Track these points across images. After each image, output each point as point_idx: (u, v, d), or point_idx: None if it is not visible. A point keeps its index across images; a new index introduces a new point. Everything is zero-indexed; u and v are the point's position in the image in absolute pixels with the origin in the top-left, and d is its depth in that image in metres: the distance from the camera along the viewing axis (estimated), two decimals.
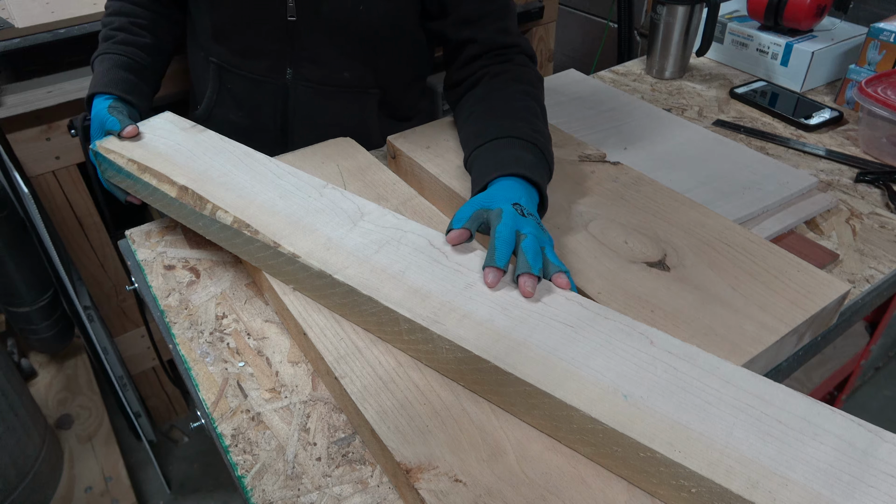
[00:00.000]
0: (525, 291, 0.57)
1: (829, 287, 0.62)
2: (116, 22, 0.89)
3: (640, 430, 0.45)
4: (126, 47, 0.86)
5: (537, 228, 0.61)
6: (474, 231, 0.63)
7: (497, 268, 0.58)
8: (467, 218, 0.63)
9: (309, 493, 0.52)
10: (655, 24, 1.17)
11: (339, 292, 0.59)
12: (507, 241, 0.59)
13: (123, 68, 0.84)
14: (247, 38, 0.89)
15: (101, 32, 0.89)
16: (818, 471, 0.43)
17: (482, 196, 0.65)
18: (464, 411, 0.52)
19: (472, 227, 0.63)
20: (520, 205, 0.63)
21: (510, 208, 0.62)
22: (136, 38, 0.88)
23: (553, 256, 0.60)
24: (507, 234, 0.60)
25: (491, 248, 0.59)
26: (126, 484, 1.39)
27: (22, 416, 1.27)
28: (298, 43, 0.87)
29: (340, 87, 0.92)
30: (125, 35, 0.88)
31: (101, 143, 0.77)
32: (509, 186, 0.66)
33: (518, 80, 0.81)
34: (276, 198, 0.69)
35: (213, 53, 0.92)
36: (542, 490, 0.47)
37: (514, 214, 0.62)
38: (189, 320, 0.68)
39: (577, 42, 2.34)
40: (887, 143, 0.92)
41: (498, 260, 0.58)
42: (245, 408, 0.59)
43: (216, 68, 0.93)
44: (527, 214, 0.62)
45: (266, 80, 0.91)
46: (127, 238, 0.80)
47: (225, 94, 0.95)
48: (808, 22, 1.10)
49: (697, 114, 1.08)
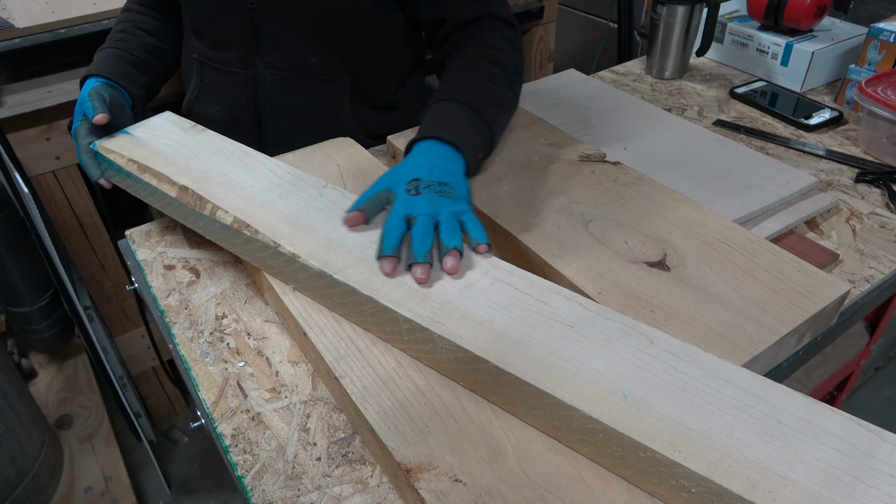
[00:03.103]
0: (417, 279, 0.57)
1: (829, 287, 0.62)
2: (122, 25, 0.93)
3: (641, 431, 0.45)
4: (127, 44, 0.89)
5: (432, 203, 0.62)
6: (372, 214, 0.64)
7: (386, 256, 0.59)
8: (365, 199, 0.64)
9: (309, 493, 0.52)
10: (655, 24, 1.17)
11: (339, 292, 0.59)
12: (393, 228, 0.60)
13: (121, 59, 0.87)
14: (216, 30, 0.90)
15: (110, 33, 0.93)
16: (818, 471, 0.43)
17: (389, 173, 0.67)
18: (464, 411, 0.52)
19: (370, 210, 0.64)
20: (417, 180, 0.64)
21: (402, 191, 0.63)
22: (139, 38, 0.91)
23: (447, 232, 0.60)
24: (395, 220, 0.61)
25: (380, 237, 0.61)
26: (126, 484, 1.39)
27: (22, 416, 1.27)
28: (262, 31, 0.88)
29: (308, 73, 0.92)
30: (128, 35, 0.91)
31: (102, 143, 0.77)
32: (419, 153, 0.68)
33: (481, 45, 0.82)
34: (276, 198, 0.69)
35: (196, 49, 0.94)
36: (542, 490, 0.47)
37: (406, 197, 0.63)
38: (189, 320, 0.68)
39: (577, 42, 2.34)
40: (887, 143, 0.92)
41: (384, 249, 0.59)
42: (245, 408, 0.59)
43: (198, 64, 0.95)
44: (423, 189, 0.63)
45: (237, 70, 0.92)
46: (127, 238, 0.80)
47: (205, 88, 0.97)
48: (808, 22, 1.10)
49: (697, 114, 1.08)
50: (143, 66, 0.89)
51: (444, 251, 0.59)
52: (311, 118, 0.94)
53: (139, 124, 0.80)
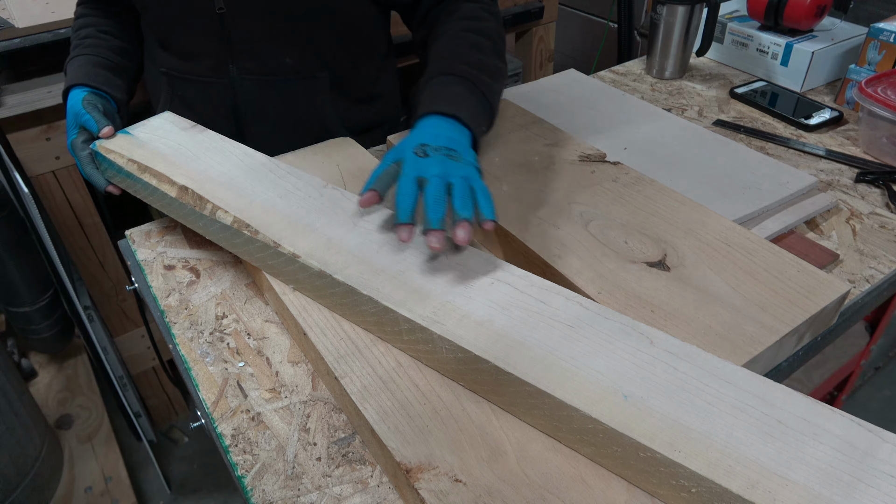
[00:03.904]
0: (432, 247, 0.56)
1: (829, 287, 0.62)
2: (84, 31, 0.90)
3: (641, 431, 0.45)
4: (97, 49, 0.87)
5: (443, 164, 0.60)
6: (384, 190, 0.62)
7: (404, 223, 0.57)
8: (375, 178, 0.62)
9: (309, 493, 0.52)
10: (655, 24, 1.17)
11: (339, 292, 0.59)
12: (406, 192, 0.58)
13: (95, 65, 0.85)
14: (184, 40, 0.88)
15: (72, 40, 0.90)
16: (818, 471, 0.43)
17: (395, 148, 0.65)
18: (464, 411, 0.52)
19: (382, 187, 0.62)
20: (424, 144, 0.62)
21: (411, 155, 0.61)
22: (105, 41, 0.89)
23: (460, 199, 0.58)
24: (406, 185, 0.59)
25: (395, 204, 0.59)
26: (126, 484, 1.39)
27: (22, 416, 1.27)
28: (234, 36, 0.85)
29: (286, 75, 0.90)
30: (94, 39, 0.88)
31: (101, 143, 0.77)
32: (423, 127, 0.65)
33: (463, 17, 0.80)
34: (276, 198, 0.69)
35: (164, 63, 0.91)
36: (542, 490, 0.47)
37: (415, 160, 0.61)
38: (189, 320, 0.68)
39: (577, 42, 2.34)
40: (887, 143, 0.92)
41: (401, 216, 0.57)
42: (245, 408, 0.59)
43: (167, 78, 0.92)
44: (432, 152, 0.61)
45: (211, 80, 0.90)
46: (127, 238, 0.80)
47: (177, 101, 0.94)
48: (808, 22, 1.10)
49: (697, 114, 1.08)
50: (118, 70, 0.87)
51: (455, 220, 0.57)
52: (292, 120, 0.92)
53: (139, 124, 0.80)
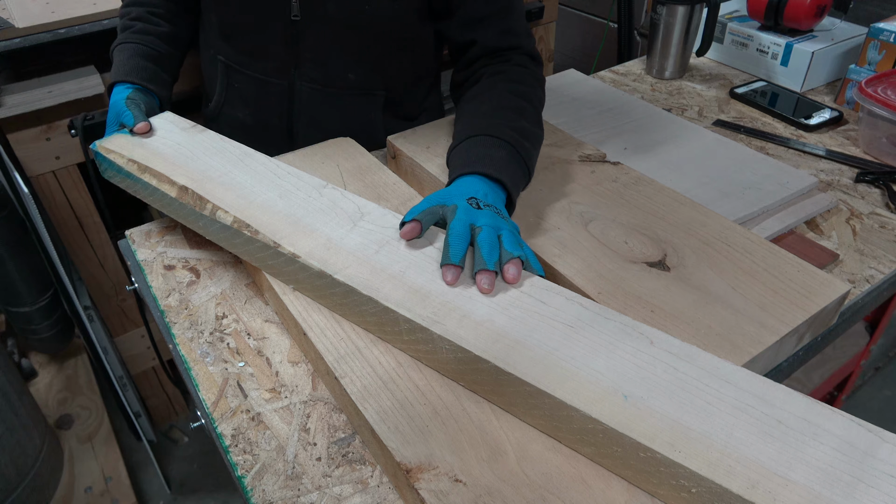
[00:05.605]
0: (482, 289, 0.57)
1: (829, 287, 0.62)
2: (134, 12, 0.90)
3: (641, 431, 0.45)
4: (145, 36, 0.87)
5: (494, 218, 0.61)
6: (427, 225, 0.63)
7: (453, 265, 0.58)
8: (420, 211, 0.63)
9: (309, 494, 0.52)
10: (655, 24, 1.17)
11: (339, 292, 0.59)
12: (460, 235, 0.59)
13: (143, 57, 0.85)
14: (252, 38, 0.89)
15: (119, 23, 0.90)
16: (818, 471, 0.43)
17: (440, 192, 0.66)
18: (464, 411, 0.52)
19: (426, 221, 0.62)
20: (476, 198, 0.63)
21: (464, 203, 0.62)
22: (154, 27, 0.89)
23: (510, 244, 0.59)
24: (461, 228, 0.60)
25: (445, 244, 0.59)
26: (126, 484, 1.39)
27: (22, 416, 1.27)
28: (303, 44, 0.87)
29: (345, 88, 0.92)
30: (143, 24, 0.89)
31: (101, 143, 0.77)
32: (470, 182, 0.66)
33: (511, 80, 0.81)
34: (276, 198, 0.69)
35: (221, 52, 0.92)
36: (542, 490, 0.47)
37: (468, 208, 0.62)
38: (189, 320, 0.68)
39: (577, 42, 2.34)
40: (887, 143, 0.92)
41: (452, 257, 0.58)
42: (245, 408, 0.59)
43: (224, 67, 0.93)
44: (483, 206, 0.62)
45: (271, 80, 0.91)
46: (127, 238, 0.80)
47: (233, 92, 0.95)
48: (808, 22, 1.10)
49: (697, 114, 1.08)
50: (164, 59, 0.88)
51: (506, 259, 0.58)
52: (344, 131, 0.93)
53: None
